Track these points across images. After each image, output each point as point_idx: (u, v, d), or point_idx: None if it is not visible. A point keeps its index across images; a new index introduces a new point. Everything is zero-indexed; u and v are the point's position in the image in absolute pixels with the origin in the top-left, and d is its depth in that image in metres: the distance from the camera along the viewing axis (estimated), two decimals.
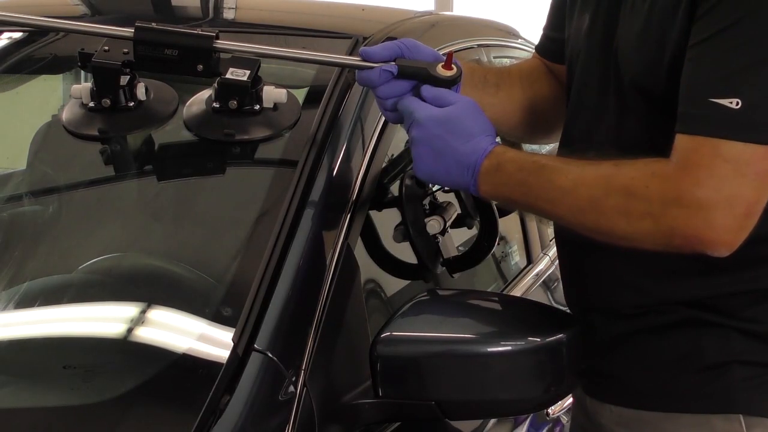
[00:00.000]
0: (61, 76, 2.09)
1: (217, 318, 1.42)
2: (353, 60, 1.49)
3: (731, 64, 1.31)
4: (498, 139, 1.52)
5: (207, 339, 1.39)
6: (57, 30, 1.69)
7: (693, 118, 1.33)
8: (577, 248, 1.61)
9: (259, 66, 1.58)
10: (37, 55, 1.98)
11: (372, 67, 1.46)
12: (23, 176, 1.84)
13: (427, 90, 1.47)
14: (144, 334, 1.43)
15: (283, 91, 1.61)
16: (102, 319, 1.47)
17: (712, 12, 1.33)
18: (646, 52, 1.43)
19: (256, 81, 1.58)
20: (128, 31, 1.53)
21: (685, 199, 1.30)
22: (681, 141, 1.34)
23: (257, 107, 1.59)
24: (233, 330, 1.32)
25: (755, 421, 1.49)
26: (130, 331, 1.44)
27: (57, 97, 2.10)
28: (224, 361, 1.29)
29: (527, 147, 2.10)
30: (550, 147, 2.27)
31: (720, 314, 1.48)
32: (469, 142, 1.43)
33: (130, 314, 1.47)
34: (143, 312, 1.47)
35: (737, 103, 1.29)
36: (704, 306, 1.49)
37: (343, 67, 1.56)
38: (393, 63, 1.46)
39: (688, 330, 1.50)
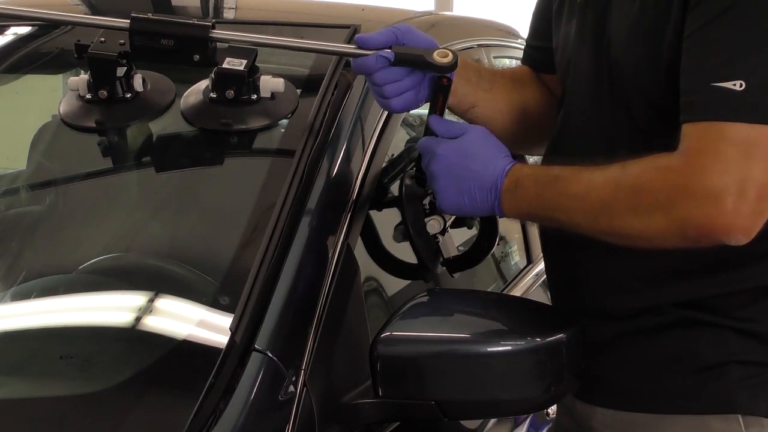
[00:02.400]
0: (61, 75, 2.09)
1: (217, 316, 1.42)
2: (349, 48, 1.48)
3: (731, 47, 1.30)
4: None
5: (206, 338, 1.39)
6: (52, 22, 1.68)
7: (696, 104, 1.32)
8: (564, 252, 1.60)
9: (256, 55, 1.58)
10: (39, 51, 1.98)
11: (368, 54, 1.45)
12: (23, 174, 1.84)
13: (437, 123, 1.49)
14: (143, 332, 1.43)
15: (280, 80, 1.60)
16: (101, 317, 1.47)
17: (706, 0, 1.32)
18: (640, 48, 1.43)
19: (253, 70, 1.58)
20: (124, 22, 1.53)
21: (693, 188, 1.28)
22: (686, 129, 1.32)
23: (254, 97, 1.59)
24: (233, 329, 1.32)
25: (753, 421, 1.48)
26: (128, 328, 1.44)
27: (57, 96, 2.10)
28: (224, 360, 1.29)
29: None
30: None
31: (716, 314, 1.48)
32: (488, 164, 1.45)
33: (130, 311, 1.47)
34: (142, 309, 1.47)
35: (741, 85, 1.28)
36: (699, 306, 1.48)
37: (339, 55, 1.55)
38: (389, 50, 1.45)
39: (684, 331, 1.49)
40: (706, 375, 1.48)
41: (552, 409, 2.11)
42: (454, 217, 1.69)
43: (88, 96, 1.63)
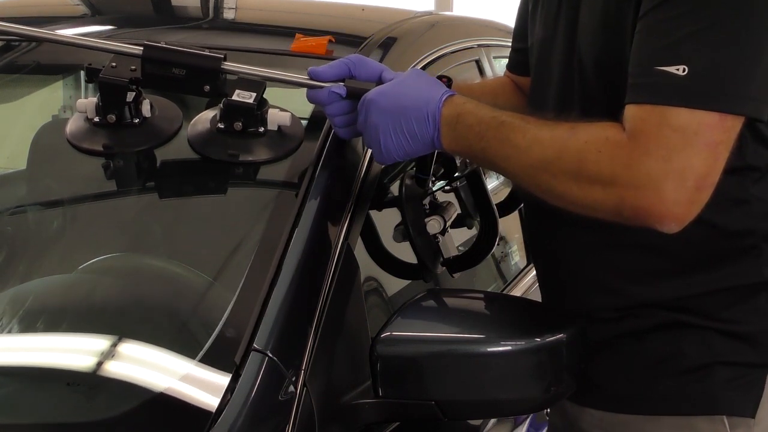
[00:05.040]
0: (61, 75, 2.09)
1: (216, 317, 1.42)
2: (305, 79, 1.52)
3: (676, 31, 1.29)
4: None
5: (207, 339, 1.39)
6: (66, 44, 1.68)
7: (640, 87, 1.31)
8: (551, 255, 1.61)
9: (265, 88, 1.59)
10: (40, 52, 1.98)
11: (323, 87, 1.49)
12: (23, 181, 1.84)
13: (386, 72, 1.50)
14: (141, 336, 1.43)
15: (288, 114, 1.61)
16: (101, 324, 1.47)
17: None
18: (606, 44, 1.42)
19: (261, 103, 1.59)
20: (137, 49, 1.54)
21: (635, 170, 1.28)
22: (629, 111, 1.31)
23: (261, 129, 1.60)
24: (232, 330, 1.33)
25: (738, 422, 1.48)
26: (129, 333, 1.44)
27: (57, 96, 2.10)
28: (225, 367, 1.29)
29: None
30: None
31: (699, 316, 1.48)
32: (423, 95, 1.43)
33: (129, 317, 1.47)
34: (142, 314, 1.47)
35: (683, 70, 1.27)
36: (683, 308, 1.48)
37: (298, 86, 1.56)
38: (342, 84, 1.49)
39: (668, 333, 1.49)
40: (690, 376, 1.49)
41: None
42: (454, 217, 1.69)
43: (96, 119, 1.63)
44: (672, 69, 1.28)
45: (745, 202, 1.44)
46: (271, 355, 1.31)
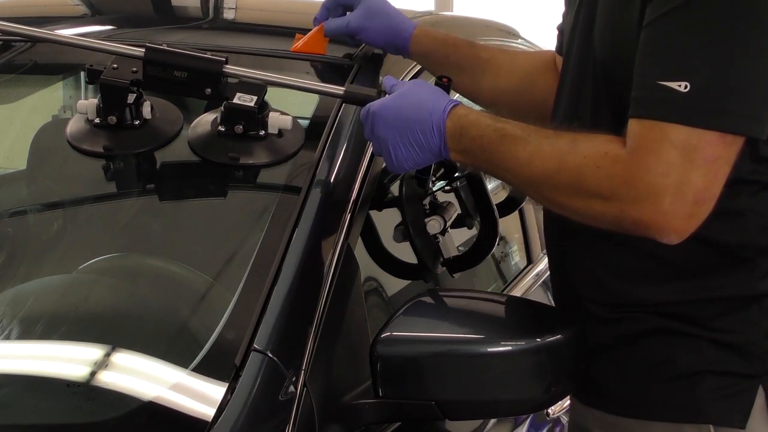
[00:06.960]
0: (61, 76, 2.09)
1: (216, 317, 1.42)
2: (307, 84, 1.56)
3: (679, 45, 1.29)
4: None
5: (207, 339, 1.39)
6: (67, 44, 1.68)
7: (642, 101, 1.31)
8: (559, 247, 1.61)
9: (266, 92, 1.59)
10: (29, 57, 1.98)
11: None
12: (22, 181, 1.83)
13: (387, 80, 1.53)
14: (142, 337, 1.43)
15: (288, 117, 1.61)
16: (100, 325, 1.47)
17: None
18: (613, 36, 1.42)
19: (262, 107, 1.59)
20: (139, 51, 1.54)
21: (634, 185, 1.29)
22: (631, 125, 1.32)
23: (262, 132, 1.60)
24: (233, 331, 1.33)
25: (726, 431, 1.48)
26: (129, 333, 1.44)
27: (57, 97, 2.10)
28: (226, 368, 1.29)
29: None
30: None
31: (691, 324, 1.47)
32: (425, 106, 1.44)
33: (129, 317, 1.47)
34: (142, 314, 1.47)
35: (685, 86, 1.27)
36: (675, 315, 1.47)
37: (298, 90, 1.58)
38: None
39: (661, 339, 1.49)
40: (680, 384, 1.48)
41: (552, 409, 2.11)
42: (454, 217, 1.69)
43: (97, 120, 1.63)
44: (674, 85, 1.28)
45: (740, 214, 1.43)
46: (271, 356, 1.31)
